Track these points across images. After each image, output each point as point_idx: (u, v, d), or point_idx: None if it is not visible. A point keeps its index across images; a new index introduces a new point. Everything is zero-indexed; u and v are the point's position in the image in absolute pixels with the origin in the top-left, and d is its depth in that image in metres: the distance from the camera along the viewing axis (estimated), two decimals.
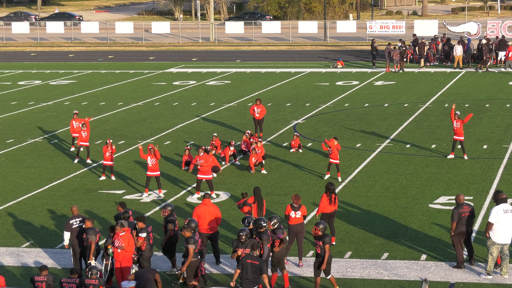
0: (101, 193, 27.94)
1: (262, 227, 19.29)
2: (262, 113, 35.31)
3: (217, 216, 21.10)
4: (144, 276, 17.82)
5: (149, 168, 27.23)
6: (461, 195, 20.44)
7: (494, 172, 29.28)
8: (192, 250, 18.96)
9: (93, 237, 19.74)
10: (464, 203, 20.38)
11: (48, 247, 22.60)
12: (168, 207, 20.98)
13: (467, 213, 20.23)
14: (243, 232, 18.80)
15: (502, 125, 37.15)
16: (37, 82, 54.83)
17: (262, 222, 19.39)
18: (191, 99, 46.31)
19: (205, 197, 21.46)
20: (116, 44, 78.12)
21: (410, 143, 33.99)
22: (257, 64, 61.39)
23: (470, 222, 20.38)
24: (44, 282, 17.81)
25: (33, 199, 27.32)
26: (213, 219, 21.00)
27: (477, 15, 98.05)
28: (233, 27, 78.85)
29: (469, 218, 20.31)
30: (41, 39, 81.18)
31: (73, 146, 34.08)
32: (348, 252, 21.79)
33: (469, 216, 20.27)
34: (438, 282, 19.58)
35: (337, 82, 51.52)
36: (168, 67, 61.15)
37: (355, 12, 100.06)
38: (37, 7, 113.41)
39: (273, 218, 19.74)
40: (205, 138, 35.59)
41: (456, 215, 20.13)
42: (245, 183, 28.45)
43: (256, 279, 17.75)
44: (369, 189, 27.59)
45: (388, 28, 70.01)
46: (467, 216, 20.22)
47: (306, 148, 33.52)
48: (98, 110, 43.51)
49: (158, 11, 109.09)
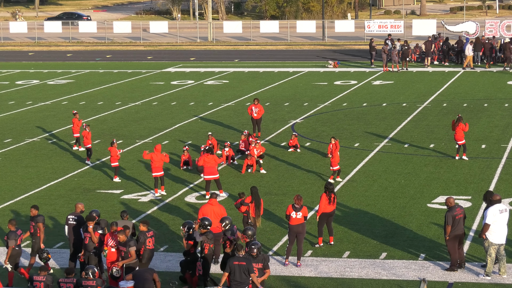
0: (99, 192, 27.88)
1: (206, 227, 19.47)
2: (260, 113, 35.26)
3: (222, 216, 20.96)
4: (143, 276, 17.79)
5: (155, 168, 27.21)
6: (451, 197, 20.35)
7: (493, 171, 29.26)
8: (134, 252, 18.95)
9: (13, 241, 19.60)
10: (456, 205, 20.30)
11: (46, 247, 22.46)
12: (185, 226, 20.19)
13: (461, 215, 20.17)
14: (255, 246, 18.29)
15: (501, 125, 37.13)
16: (35, 81, 54.76)
17: (206, 222, 19.58)
18: (189, 99, 46.26)
19: (211, 197, 21.47)
20: (114, 43, 78.05)
21: (409, 142, 33.96)
22: (255, 64, 61.34)
23: (463, 224, 20.30)
24: (43, 282, 17.80)
25: (31, 199, 27.26)
26: (218, 219, 20.84)
27: (475, 14, 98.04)
28: (231, 26, 78.79)
29: (463, 220, 20.28)
30: (39, 38, 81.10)
31: (75, 145, 34.07)
32: (347, 251, 21.74)
33: (462, 218, 20.24)
34: (437, 282, 19.56)
35: (335, 81, 51.48)
36: (166, 66, 61.09)
37: (353, 11, 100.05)
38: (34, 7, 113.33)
39: (224, 220, 19.89)
40: (203, 138, 35.54)
41: (450, 219, 20.00)
42: (243, 183, 28.41)
43: (246, 280, 17.70)
44: (367, 188, 27.56)
45: (386, 28, 69.93)
46: (461, 218, 20.16)
47: (304, 148, 33.48)
48: (96, 109, 43.45)
49: (156, 10, 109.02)
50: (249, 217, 21.90)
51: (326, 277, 20.10)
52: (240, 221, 23.38)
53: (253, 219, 21.89)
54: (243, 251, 18.11)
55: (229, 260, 17.94)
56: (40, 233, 20.49)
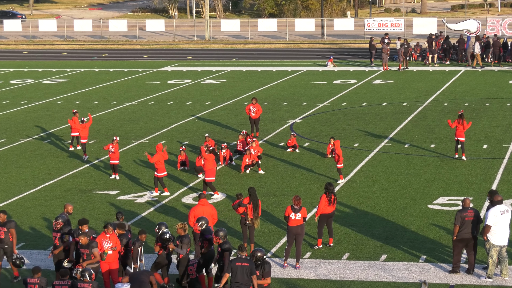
0: (94, 193, 27.57)
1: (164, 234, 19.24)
2: (258, 112, 34.96)
3: (213, 216, 21.14)
4: (139, 278, 17.66)
5: (160, 169, 27.13)
6: (467, 199, 19.96)
7: (494, 172, 28.97)
8: (97, 253, 18.81)
9: None
10: (469, 207, 19.90)
11: (41, 248, 22.31)
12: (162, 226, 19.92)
13: (471, 217, 19.74)
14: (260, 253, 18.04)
15: (502, 125, 36.83)
16: (30, 81, 54.44)
17: (163, 226, 19.44)
18: (186, 98, 45.95)
19: (201, 197, 21.37)
20: (110, 42, 77.73)
21: (409, 143, 33.68)
22: (253, 63, 61.06)
23: (475, 228, 19.86)
24: (37, 284, 17.64)
25: (25, 200, 27.00)
26: (210, 220, 20.93)
27: (476, 12, 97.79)
28: (229, 24, 78.48)
29: (474, 223, 19.79)
30: (33, 37, 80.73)
31: (71, 146, 33.90)
32: (346, 253, 21.55)
33: (473, 221, 19.77)
34: (438, 284, 19.38)
35: (335, 80, 51.19)
36: (162, 65, 60.79)
37: (353, 9, 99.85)
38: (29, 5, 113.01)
39: (200, 220, 19.81)
40: (200, 137, 35.25)
41: (459, 219, 19.71)
42: (241, 184, 28.13)
43: (247, 282, 17.54)
44: (367, 189, 27.27)
45: (386, 26, 69.61)
46: (470, 220, 19.72)
47: (303, 148, 33.16)
48: (92, 109, 43.12)
49: (153, 8, 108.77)
50: (247, 219, 21.65)
51: (325, 279, 19.93)
52: (238, 222, 23.07)
53: (251, 220, 21.64)
54: (246, 253, 17.90)
55: (231, 261, 17.76)
56: (13, 238, 20.11)
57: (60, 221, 19.97)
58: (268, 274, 17.82)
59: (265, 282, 17.79)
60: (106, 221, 23.03)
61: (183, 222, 19.94)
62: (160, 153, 27.25)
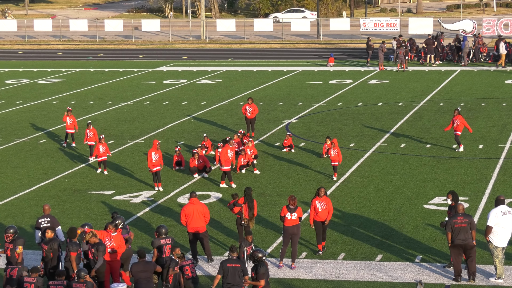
0: (90, 193, 27.50)
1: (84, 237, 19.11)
2: (254, 112, 34.93)
3: (205, 214, 21.11)
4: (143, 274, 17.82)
5: (153, 163, 27.40)
6: (460, 204, 19.52)
7: (490, 172, 28.93)
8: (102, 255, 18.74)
9: None
10: (460, 214, 19.30)
11: (36, 248, 22.15)
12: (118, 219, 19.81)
13: (462, 224, 19.08)
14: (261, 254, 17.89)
15: (498, 125, 36.81)
16: (25, 80, 54.33)
17: (87, 226, 19.44)
18: (181, 98, 45.89)
19: (192, 196, 21.34)
20: (105, 42, 77.61)
21: (405, 143, 33.63)
22: (249, 63, 61.01)
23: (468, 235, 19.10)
24: (33, 284, 17.65)
25: (20, 200, 26.93)
26: (202, 218, 20.96)
27: (472, 12, 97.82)
28: (225, 24, 78.42)
29: (465, 230, 19.07)
30: (28, 37, 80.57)
31: (65, 142, 33.92)
32: (342, 253, 21.50)
33: (466, 227, 19.07)
34: (433, 284, 19.34)
35: (330, 80, 51.16)
36: (158, 65, 60.71)
37: (349, 9, 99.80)
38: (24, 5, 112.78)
39: (117, 219, 19.71)
40: (196, 137, 35.19)
41: (449, 226, 19.20)
42: (237, 184, 28.09)
43: (239, 283, 17.49)
44: (363, 189, 27.23)
45: (382, 26, 69.64)
46: (463, 227, 19.07)
47: (298, 148, 33.12)
48: (87, 109, 43.04)
49: (148, 8, 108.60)
50: (242, 219, 21.61)
51: (321, 279, 19.88)
52: (233, 222, 23.02)
53: (247, 220, 21.60)
54: (236, 253, 17.83)
55: (222, 262, 17.69)
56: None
57: (11, 232, 19.15)
58: (262, 276, 17.46)
59: (259, 284, 17.45)
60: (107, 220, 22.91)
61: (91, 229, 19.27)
62: (154, 149, 27.51)
